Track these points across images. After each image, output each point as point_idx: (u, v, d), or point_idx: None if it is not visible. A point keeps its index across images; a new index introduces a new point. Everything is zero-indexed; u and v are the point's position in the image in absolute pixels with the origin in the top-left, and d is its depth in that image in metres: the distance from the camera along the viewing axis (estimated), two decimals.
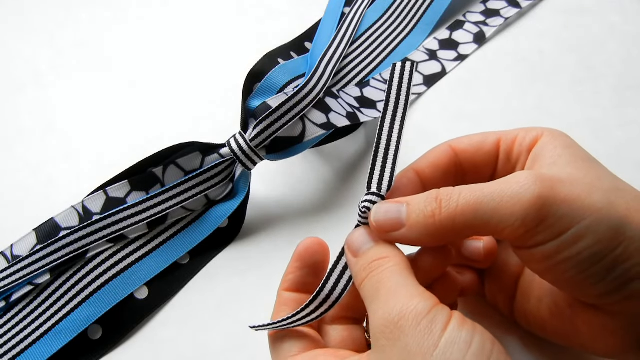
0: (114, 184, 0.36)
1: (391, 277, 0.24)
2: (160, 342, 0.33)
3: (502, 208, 0.23)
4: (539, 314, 0.28)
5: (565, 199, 0.23)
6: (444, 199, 0.24)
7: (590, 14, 0.48)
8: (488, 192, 0.24)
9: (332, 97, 0.39)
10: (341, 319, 0.29)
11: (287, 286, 0.29)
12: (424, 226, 0.25)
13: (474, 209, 0.24)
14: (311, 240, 0.29)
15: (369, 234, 0.26)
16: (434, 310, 0.22)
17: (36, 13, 0.51)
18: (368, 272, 0.25)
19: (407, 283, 0.24)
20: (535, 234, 0.23)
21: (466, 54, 0.46)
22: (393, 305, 0.23)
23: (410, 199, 0.26)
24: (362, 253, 0.26)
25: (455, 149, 0.29)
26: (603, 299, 0.24)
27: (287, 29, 0.46)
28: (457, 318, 0.23)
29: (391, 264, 0.25)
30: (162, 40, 0.48)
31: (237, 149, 0.36)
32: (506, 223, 0.23)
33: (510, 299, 0.30)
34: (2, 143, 0.42)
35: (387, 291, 0.24)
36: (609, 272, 0.23)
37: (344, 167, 0.40)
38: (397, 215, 0.25)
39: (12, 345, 0.33)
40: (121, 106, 0.44)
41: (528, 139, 0.28)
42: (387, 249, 0.25)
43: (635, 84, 0.43)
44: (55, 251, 0.34)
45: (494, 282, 0.31)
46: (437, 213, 0.24)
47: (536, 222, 0.23)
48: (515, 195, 0.23)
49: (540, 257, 0.24)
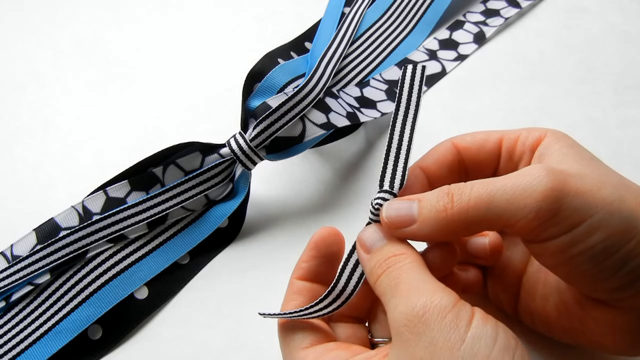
0: (114, 184, 0.36)
1: (410, 273, 0.24)
2: (160, 342, 0.33)
3: (515, 201, 0.23)
4: (544, 313, 0.28)
5: (578, 192, 0.23)
6: (456, 194, 0.24)
7: (590, 14, 0.48)
8: (500, 186, 0.24)
9: (332, 97, 0.39)
10: (346, 318, 0.29)
11: (301, 274, 0.28)
12: (436, 221, 0.25)
13: (486, 203, 0.24)
14: (327, 229, 0.29)
15: (381, 231, 0.26)
16: (458, 305, 0.22)
17: (36, 13, 0.51)
18: (385, 268, 0.25)
19: (427, 278, 0.24)
20: (549, 227, 0.23)
21: (466, 54, 0.46)
22: (417, 299, 0.23)
23: (421, 195, 0.25)
24: (376, 250, 0.26)
25: (457, 146, 0.29)
26: (615, 294, 0.24)
27: (287, 29, 0.46)
28: (480, 314, 0.23)
29: (408, 260, 0.25)
30: (162, 40, 0.48)
31: (237, 149, 0.36)
32: (519, 216, 0.23)
33: (514, 298, 0.30)
34: (2, 143, 0.42)
35: (408, 286, 0.23)
36: (622, 266, 0.23)
37: (344, 167, 0.40)
38: (408, 211, 0.25)
39: (12, 345, 0.33)
40: (121, 106, 0.44)
41: (531, 138, 0.28)
42: (401, 246, 0.25)
43: (634, 83, 0.43)
44: (55, 251, 0.34)
45: (497, 281, 0.30)
46: (448, 207, 0.24)
47: (550, 214, 0.23)
48: (529, 188, 0.23)
49: (553, 250, 0.24)
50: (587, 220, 0.23)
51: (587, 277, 0.24)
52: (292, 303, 0.27)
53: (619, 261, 0.23)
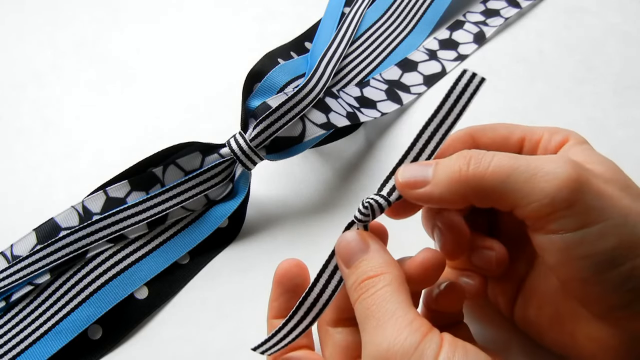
0: (114, 184, 0.36)
1: (381, 303, 0.23)
2: (160, 342, 0.33)
3: (534, 181, 0.23)
4: (538, 321, 0.28)
5: (598, 192, 0.23)
6: (475, 158, 0.24)
7: (590, 14, 0.48)
8: (523, 162, 0.23)
9: (332, 97, 0.39)
10: (344, 321, 0.28)
11: (274, 313, 0.29)
12: (449, 182, 0.24)
13: (505, 175, 0.23)
14: (288, 262, 0.29)
15: (361, 240, 0.26)
16: (422, 344, 0.22)
17: (36, 13, 0.51)
18: (359, 293, 0.24)
19: (396, 310, 0.23)
20: (560, 218, 0.23)
21: (466, 54, 0.46)
22: (380, 340, 0.22)
23: (439, 160, 0.25)
24: (355, 267, 0.25)
25: (477, 141, 0.29)
26: (613, 312, 0.24)
27: (287, 29, 0.46)
28: (448, 343, 0.22)
29: (383, 284, 0.24)
30: (162, 40, 0.48)
31: (237, 149, 0.36)
32: (534, 197, 0.23)
33: (510, 302, 0.30)
34: (2, 143, 0.42)
35: (376, 322, 0.23)
36: (625, 281, 0.23)
37: (344, 167, 0.40)
38: (423, 173, 0.25)
39: (12, 345, 0.33)
40: (121, 106, 0.44)
41: (554, 141, 0.27)
42: (380, 261, 0.25)
43: (634, 83, 0.43)
44: (55, 251, 0.34)
45: (496, 283, 0.30)
46: (463, 169, 0.24)
47: (565, 204, 0.23)
48: (551, 172, 0.23)
49: (559, 246, 0.23)
50: (601, 223, 0.23)
51: (588, 285, 0.24)
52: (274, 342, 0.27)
53: (623, 276, 0.23)
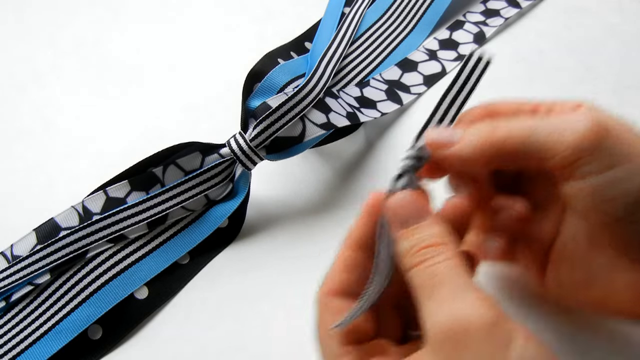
0: (114, 184, 0.36)
1: (451, 275, 0.22)
2: (160, 342, 0.33)
3: (556, 134, 0.24)
4: (571, 283, 0.27)
5: (620, 138, 0.24)
6: (500, 120, 0.26)
7: (590, 14, 0.48)
8: (546, 119, 0.25)
9: (332, 97, 0.39)
10: (349, 295, 0.26)
11: (349, 244, 0.27)
12: (477, 143, 0.25)
13: (528, 133, 0.25)
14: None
15: (417, 202, 0.24)
16: (501, 321, 0.21)
17: (36, 13, 0.51)
18: (421, 258, 0.23)
19: (468, 284, 0.22)
20: (586, 163, 0.24)
21: (466, 54, 0.46)
22: (458, 310, 0.22)
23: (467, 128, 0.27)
24: (412, 229, 0.24)
25: (492, 113, 0.29)
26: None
27: (287, 29, 0.46)
28: (523, 332, 0.22)
29: (448, 255, 0.23)
30: (162, 41, 0.48)
31: (237, 149, 0.36)
32: (558, 149, 0.24)
33: (542, 268, 0.29)
34: (2, 143, 0.42)
35: (449, 292, 0.22)
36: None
37: (344, 167, 0.40)
38: (451, 133, 0.26)
39: (12, 345, 0.33)
40: (121, 106, 0.44)
41: (567, 107, 0.28)
42: (442, 232, 0.24)
43: (634, 83, 0.43)
44: (55, 251, 0.34)
45: (527, 252, 0.29)
46: (490, 131, 0.25)
47: (591, 149, 0.24)
48: (572, 124, 0.24)
49: (588, 191, 0.24)
50: (627, 164, 0.24)
51: (621, 227, 0.24)
52: (344, 275, 0.26)
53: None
